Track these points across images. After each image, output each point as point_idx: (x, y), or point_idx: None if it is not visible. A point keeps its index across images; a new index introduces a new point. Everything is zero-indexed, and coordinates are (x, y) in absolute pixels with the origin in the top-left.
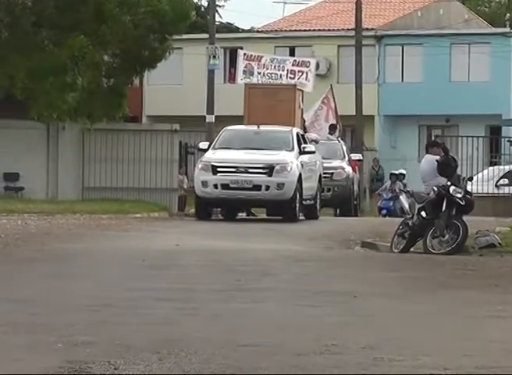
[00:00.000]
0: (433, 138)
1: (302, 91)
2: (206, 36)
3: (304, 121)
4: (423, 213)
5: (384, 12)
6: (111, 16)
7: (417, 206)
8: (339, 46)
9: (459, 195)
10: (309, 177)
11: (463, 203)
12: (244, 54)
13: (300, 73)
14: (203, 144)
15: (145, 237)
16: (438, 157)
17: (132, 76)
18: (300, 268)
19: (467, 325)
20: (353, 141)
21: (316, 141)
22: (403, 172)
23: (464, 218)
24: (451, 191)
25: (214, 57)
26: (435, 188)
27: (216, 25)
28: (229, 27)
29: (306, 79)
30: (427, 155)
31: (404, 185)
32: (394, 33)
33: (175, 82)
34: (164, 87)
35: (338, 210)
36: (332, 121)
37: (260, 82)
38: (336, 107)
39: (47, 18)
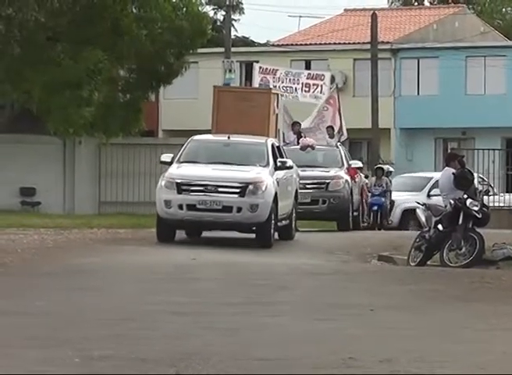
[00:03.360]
0: (449, 151)
1: (277, 94)
2: (222, 50)
3: (300, 125)
4: (440, 226)
5: (400, 25)
6: (127, 31)
7: (434, 219)
8: (354, 59)
9: (475, 208)
10: (285, 195)
11: (479, 216)
12: (260, 67)
13: (315, 87)
14: (165, 157)
15: (161, 251)
16: (454, 170)
17: (148, 91)
18: (316, 281)
19: (484, 338)
20: (370, 155)
21: (312, 147)
22: (391, 169)
23: (481, 231)
24: (467, 204)
25: (230, 71)
26: (452, 201)
27: (232, 39)
28: (244, 41)
29: (321, 92)
30: (446, 168)
31: (390, 181)
32: (410, 46)
33: (190, 96)
34: (180, 101)
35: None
36: (338, 124)
37: None
38: (340, 109)
39: (62, 32)
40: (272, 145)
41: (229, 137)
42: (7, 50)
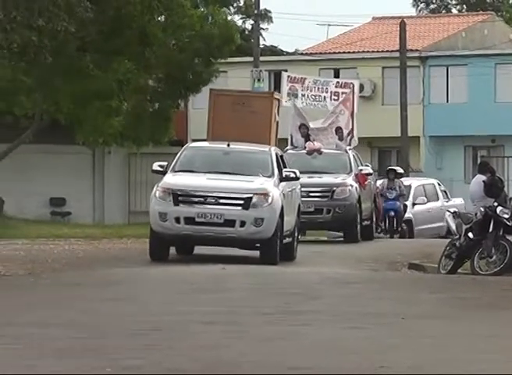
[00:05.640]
0: (479, 160)
1: (279, 99)
2: (250, 59)
3: (307, 128)
4: (470, 234)
5: (428, 33)
6: (155, 40)
7: (465, 227)
8: (383, 68)
9: (506, 216)
10: (289, 209)
11: (510, 224)
12: (288, 76)
13: (344, 95)
14: (157, 165)
15: (191, 260)
16: (485, 178)
17: (177, 100)
18: (347, 290)
19: None
20: (400, 163)
21: (319, 152)
22: (401, 171)
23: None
24: (498, 212)
25: (258, 80)
26: (482, 209)
27: (260, 48)
28: (273, 50)
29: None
30: (477, 176)
31: (402, 184)
32: (439, 54)
33: None
34: None
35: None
36: (350, 127)
37: (304, 105)
38: (353, 112)
39: (91, 43)
40: (276, 154)
41: (228, 145)
42: (39, 60)
